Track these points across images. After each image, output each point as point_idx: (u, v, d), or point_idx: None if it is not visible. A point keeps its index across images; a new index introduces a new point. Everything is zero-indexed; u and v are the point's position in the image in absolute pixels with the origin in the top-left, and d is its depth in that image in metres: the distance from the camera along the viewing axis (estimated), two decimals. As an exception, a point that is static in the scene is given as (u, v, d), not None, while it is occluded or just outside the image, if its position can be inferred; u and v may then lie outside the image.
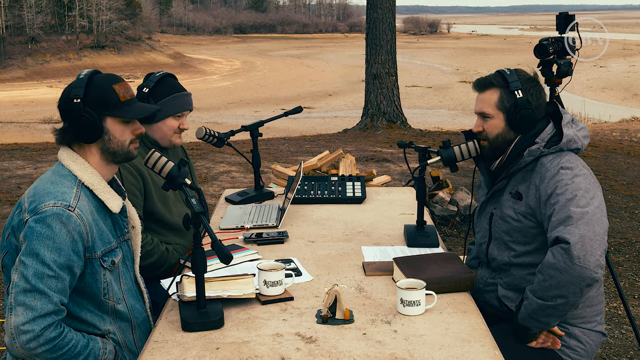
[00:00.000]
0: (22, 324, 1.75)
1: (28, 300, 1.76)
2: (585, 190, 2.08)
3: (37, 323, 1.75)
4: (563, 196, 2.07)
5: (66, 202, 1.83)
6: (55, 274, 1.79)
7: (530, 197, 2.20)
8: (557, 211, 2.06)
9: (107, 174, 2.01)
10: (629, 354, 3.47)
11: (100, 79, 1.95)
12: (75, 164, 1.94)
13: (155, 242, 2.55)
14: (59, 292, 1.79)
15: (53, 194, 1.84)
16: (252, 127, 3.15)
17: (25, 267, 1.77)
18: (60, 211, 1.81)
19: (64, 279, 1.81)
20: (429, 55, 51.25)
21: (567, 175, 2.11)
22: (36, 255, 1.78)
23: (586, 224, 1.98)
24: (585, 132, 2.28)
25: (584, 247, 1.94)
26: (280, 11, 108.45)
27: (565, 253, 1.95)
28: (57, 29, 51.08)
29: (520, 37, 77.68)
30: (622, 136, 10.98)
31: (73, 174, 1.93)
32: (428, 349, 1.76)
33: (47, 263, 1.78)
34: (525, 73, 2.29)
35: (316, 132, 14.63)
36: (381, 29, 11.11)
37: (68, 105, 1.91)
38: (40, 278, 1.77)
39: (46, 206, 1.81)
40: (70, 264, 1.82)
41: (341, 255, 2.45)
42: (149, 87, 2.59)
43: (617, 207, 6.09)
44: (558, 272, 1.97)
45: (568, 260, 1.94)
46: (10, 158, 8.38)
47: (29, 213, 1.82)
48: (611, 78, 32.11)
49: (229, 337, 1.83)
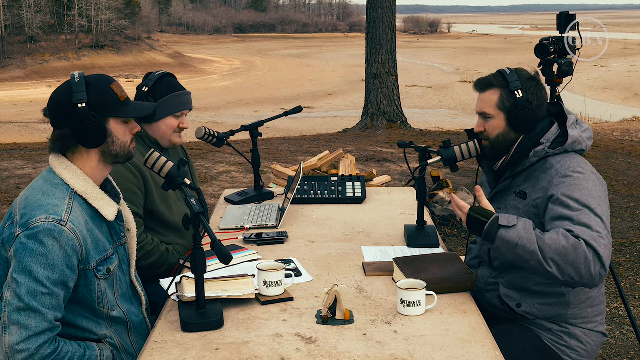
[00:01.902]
0: (17, 344, 1.72)
1: (22, 319, 1.73)
2: (600, 198, 2.09)
3: (32, 342, 1.73)
4: (578, 201, 2.06)
5: (58, 216, 1.78)
6: (49, 291, 1.75)
7: (535, 196, 2.19)
8: (576, 215, 2.03)
9: (101, 178, 1.97)
10: (630, 354, 3.47)
11: (97, 81, 1.90)
12: (68, 171, 1.88)
13: (156, 243, 2.54)
14: (53, 309, 1.76)
15: (44, 207, 1.79)
16: (251, 127, 3.14)
17: (18, 285, 1.74)
18: (52, 227, 1.76)
19: (58, 295, 1.77)
20: (430, 54, 51.26)
21: (579, 180, 2.11)
22: (29, 272, 1.74)
23: (608, 241, 1.99)
24: (590, 133, 2.27)
25: (607, 262, 1.97)
26: (280, 11, 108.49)
27: (596, 256, 1.95)
28: (56, 29, 51.07)
29: (521, 36, 77.74)
30: (623, 136, 10.98)
31: (65, 183, 1.88)
32: (428, 350, 1.75)
33: (41, 280, 1.74)
34: (526, 72, 2.28)
35: (316, 132, 14.62)
36: (381, 28, 11.10)
37: (71, 111, 1.85)
38: (34, 296, 1.73)
39: (37, 221, 1.76)
40: (64, 279, 1.78)
41: (341, 256, 2.44)
42: (148, 86, 2.58)
43: (618, 207, 6.08)
44: (581, 265, 1.94)
45: (598, 265, 1.95)
46: (9, 158, 8.37)
47: (20, 228, 1.78)
48: (612, 78, 32.11)
49: (229, 338, 1.82)
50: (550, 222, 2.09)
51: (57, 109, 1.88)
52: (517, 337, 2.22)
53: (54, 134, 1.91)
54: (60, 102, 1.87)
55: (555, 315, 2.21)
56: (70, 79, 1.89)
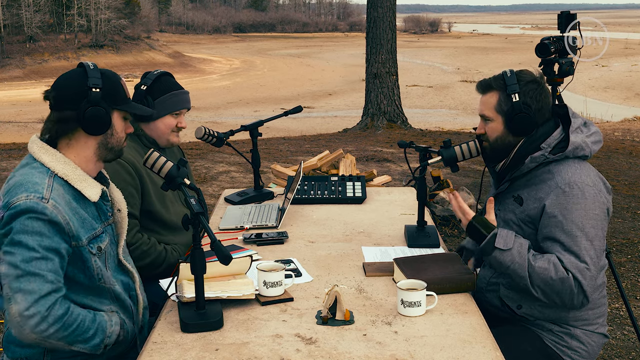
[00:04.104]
0: (26, 309, 1.72)
1: (23, 285, 1.73)
2: (595, 217, 2.09)
3: (41, 304, 1.73)
4: (572, 222, 2.08)
5: (39, 194, 1.79)
6: (43, 255, 1.76)
7: (530, 205, 2.19)
8: (567, 240, 2.08)
9: (92, 171, 1.97)
10: (631, 355, 3.46)
11: (109, 73, 1.95)
12: (47, 155, 1.89)
13: (152, 242, 2.52)
14: (51, 272, 1.77)
15: (24, 186, 1.80)
16: (251, 127, 3.13)
17: (12, 256, 1.75)
18: (33, 204, 1.77)
19: (53, 259, 1.78)
20: (430, 54, 51.25)
21: (577, 197, 2.10)
22: (19, 243, 1.75)
23: (595, 269, 2.07)
24: (597, 137, 2.24)
25: (591, 293, 2.08)
26: (280, 10, 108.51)
27: (580, 289, 2.06)
28: (56, 28, 51.04)
29: (522, 36, 77.71)
30: (624, 136, 10.98)
31: (45, 166, 1.88)
32: (429, 350, 1.75)
33: (33, 247, 1.75)
34: (528, 75, 2.23)
35: (316, 131, 14.62)
36: (382, 28, 11.10)
37: (84, 94, 1.86)
38: (29, 262, 1.74)
39: (19, 199, 1.78)
40: (55, 247, 1.79)
41: (341, 256, 2.43)
42: (146, 85, 2.58)
43: (619, 208, 6.07)
44: (566, 297, 2.08)
45: (581, 296, 2.07)
46: (9, 158, 8.37)
47: (3, 209, 1.79)
48: (613, 77, 32.08)
49: (229, 338, 1.82)
50: (543, 240, 2.14)
51: (67, 90, 1.89)
52: (518, 338, 2.21)
53: (53, 116, 1.90)
54: (73, 84, 1.89)
55: (555, 317, 2.20)
56: (85, 66, 1.91)
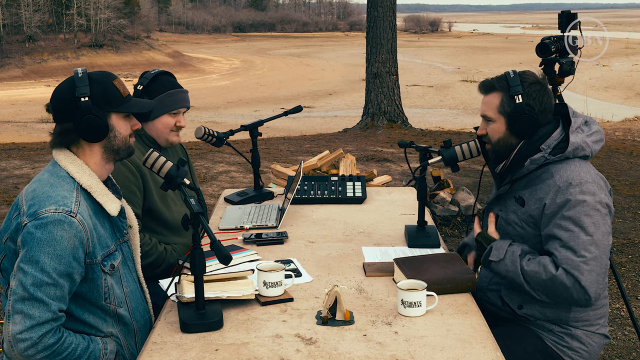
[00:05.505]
0: (19, 333, 1.73)
1: (26, 308, 1.73)
2: (595, 212, 2.07)
3: (35, 331, 1.73)
4: (571, 221, 2.07)
5: (68, 207, 1.80)
6: (54, 281, 1.76)
7: (532, 205, 2.18)
8: (565, 236, 2.06)
9: (104, 174, 1.99)
10: (632, 355, 3.45)
11: (99, 76, 1.93)
12: (73, 165, 1.90)
13: (154, 242, 2.52)
14: (57, 300, 1.77)
15: (53, 198, 1.81)
16: (251, 127, 3.13)
17: (24, 275, 1.75)
18: (62, 217, 1.77)
19: (63, 286, 1.78)
20: (430, 54, 51.23)
21: (576, 195, 2.08)
22: (36, 262, 1.75)
23: (597, 262, 2.04)
24: (598, 136, 2.23)
25: (597, 291, 2.04)
26: (280, 10, 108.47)
27: (577, 284, 2.03)
28: (55, 28, 51.02)
29: (522, 35, 77.66)
30: (625, 136, 10.97)
31: (71, 176, 1.89)
32: (429, 351, 1.74)
33: (47, 271, 1.75)
34: (530, 76, 2.22)
35: (316, 131, 14.60)
36: (382, 27, 11.09)
37: (74, 105, 1.87)
38: (39, 286, 1.74)
39: (47, 211, 1.78)
40: (70, 271, 1.79)
41: (341, 256, 2.43)
42: (143, 84, 2.57)
43: (620, 208, 6.06)
44: (564, 294, 2.06)
45: (581, 291, 2.03)
46: (8, 158, 8.36)
47: (29, 217, 1.78)
48: (614, 77, 32.04)
49: (228, 339, 1.81)
50: (545, 239, 2.15)
51: (60, 103, 1.90)
52: (518, 338, 2.21)
53: (56, 129, 1.93)
54: (63, 96, 1.90)
55: (556, 317, 2.20)
56: (74, 74, 1.91)
